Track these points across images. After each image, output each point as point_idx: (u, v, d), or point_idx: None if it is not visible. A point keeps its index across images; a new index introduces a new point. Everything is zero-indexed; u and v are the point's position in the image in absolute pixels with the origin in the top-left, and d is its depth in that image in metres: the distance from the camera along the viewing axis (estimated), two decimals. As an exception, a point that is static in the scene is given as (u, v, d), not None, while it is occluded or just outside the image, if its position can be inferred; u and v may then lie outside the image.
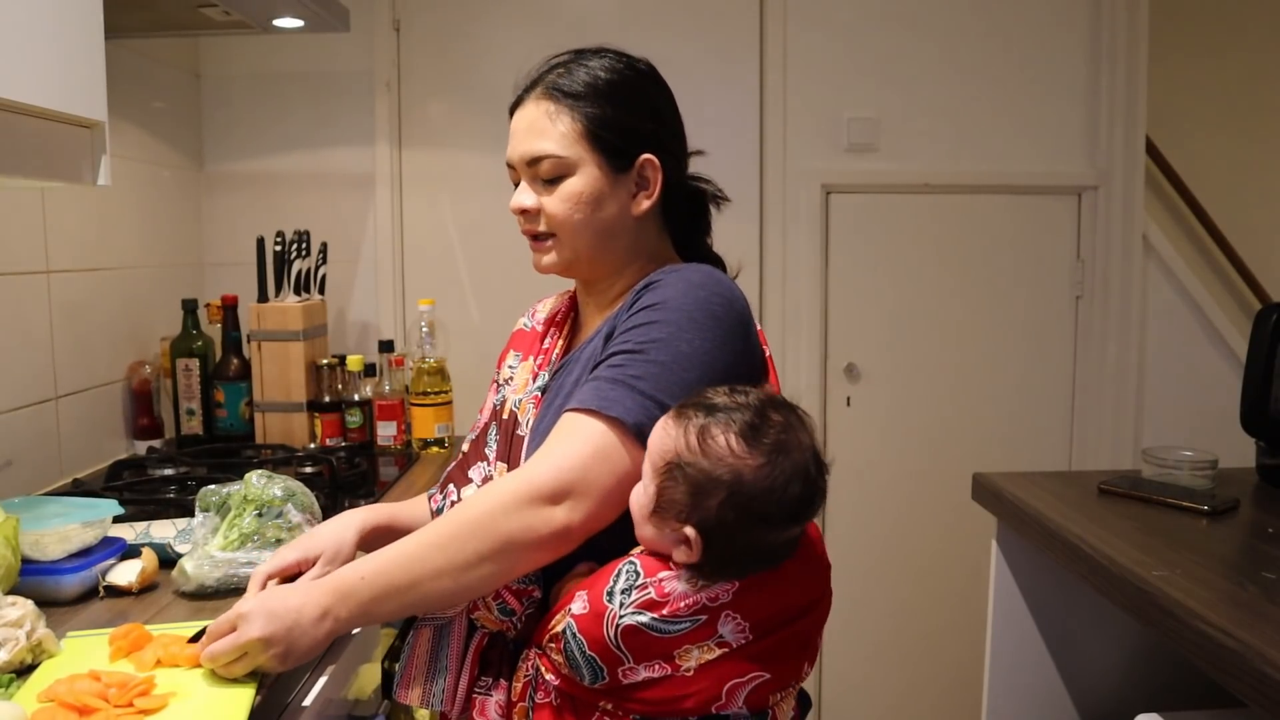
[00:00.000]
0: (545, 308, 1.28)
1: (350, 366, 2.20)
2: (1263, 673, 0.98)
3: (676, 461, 0.92)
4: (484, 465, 1.16)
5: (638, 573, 0.95)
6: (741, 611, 0.93)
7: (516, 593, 1.04)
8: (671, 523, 0.93)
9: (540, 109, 1.11)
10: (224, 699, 0.97)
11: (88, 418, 1.94)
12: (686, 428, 0.93)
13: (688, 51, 2.52)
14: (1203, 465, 1.61)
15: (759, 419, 0.93)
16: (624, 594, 0.94)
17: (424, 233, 2.56)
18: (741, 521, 0.91)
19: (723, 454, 0.91)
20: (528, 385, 1.17)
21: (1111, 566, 1.28)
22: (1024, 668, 1.66)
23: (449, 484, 1.18)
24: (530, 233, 1.15)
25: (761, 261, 2.57)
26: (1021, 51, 2.56)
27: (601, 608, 0.94)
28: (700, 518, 0.92)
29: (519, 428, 1.13)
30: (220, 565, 1.26)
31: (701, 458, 0.92)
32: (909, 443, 2.65)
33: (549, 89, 1.11)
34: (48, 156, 1.22)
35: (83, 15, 1.26)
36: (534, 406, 1.14)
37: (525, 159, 1.11)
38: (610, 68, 1.12)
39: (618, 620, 0.93)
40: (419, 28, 2.51)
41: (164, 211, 2.32)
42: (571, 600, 0.97)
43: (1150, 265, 2.62)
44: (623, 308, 1.09)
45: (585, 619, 0.94)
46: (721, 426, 0.92)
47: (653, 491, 0.94)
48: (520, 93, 1.14)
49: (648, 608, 0.93)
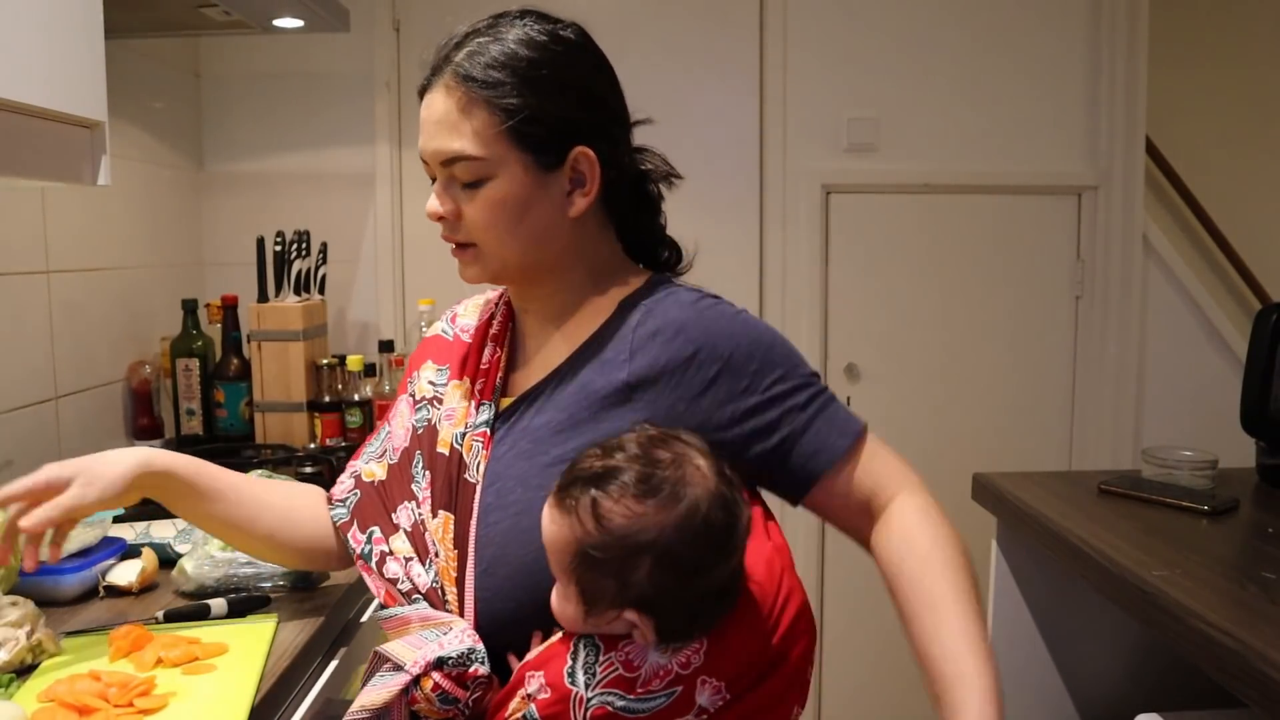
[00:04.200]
0: (470, 313, 1.11)
1: (350, 366, 2.20)
2: (1263, 673, 0.98)
3: (582, 550, 0.82)
4: (412, 507, 0.99)
5: (596, 645, 0.84)
6: (715, 673, 0.83)
7: (457, 678, 0.88)
8: (608, 613, 0.83)
9: (451, 99, 0.93)
10: (224, 699, 0.97)
11: (88, 418, 1.94)
12: (576, 510, 0.82)
13: (688, 51, 2.52)
14: (1203, 465, 1.61)
15: (647, 467, 0.82)
16: (586, 672, 0.83)
17: (424, 233, 2.56)
18: (679, 580, 0.81)
19: (627, 522, 0.81)
20: (468, 416, 0.99)
21: (1111, 566, 1.27)
22: (1024, 668, 1.66)
23: (370, 526, 1.02)
24: (449, 240, 1.00)
25: (761, 261, 2.57)
26: (1022, 52, 2.56)
27: (565, 690, 0.83)
28: (636, 595, 0.81)
29: (465, 471, 0.96)
30: (220, 565, 1.26)
31: (607, 535, 0.81)
32: (909, 443, 2.60)
33: (459, 75, 0.93)
34: (48, 156, 1.22)
35: (83, 15, 1.26)
36: (483, 446, 0.97)
37: (438, 158, 0.95)
38: (530, 41, 0.94)
39: (586, 703, 0.82)
40: (419, 28, 2.51)
41: (164, 211, 2.32)
42: (522, 683, 0.86)
43: (1150, 265, 2.62)
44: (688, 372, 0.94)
45: (547, 704, 0.83)
46: (614, 494, 0.81)
47: (573, 592, 0.83)
48: (427, 74, 0.97)
49: (618, 686, 0.82)
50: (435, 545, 0.95)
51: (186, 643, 1.06)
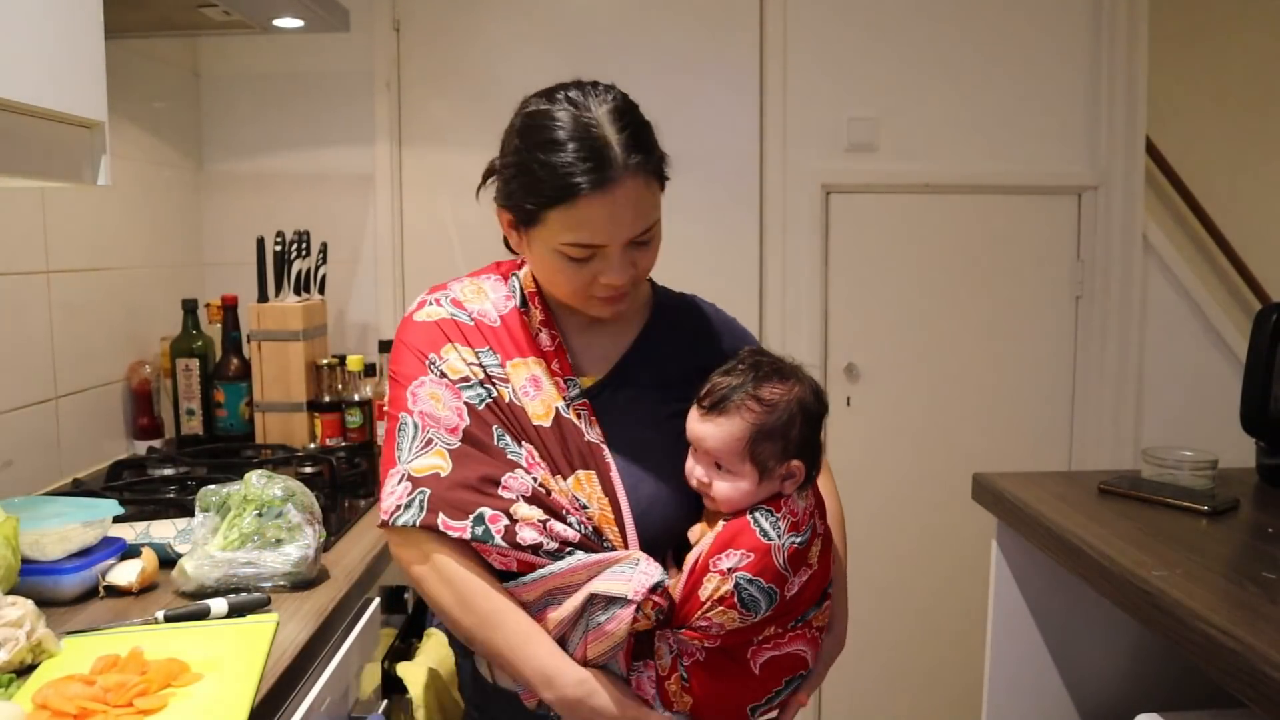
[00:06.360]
0: (476, 299, 1.21)
1: (350, 366, 2.20)
2: (1263, 673, 0.98)
3: (756, 430, 1.11)
4: (522, 475, 1.09)
5: (766, 509, 1.11)
6: (822, 515, 1.17)
7: (662, 594, 1.07)
8: (776, 471, 1.12)
9: (639, 180, 1.08)
10: (224, 699, 0.97)
11: (88, 418, 1.94)
12: (744, 405, 1.11)
13: (688, 51, 2.52)
14: (1203, 465, 1.60)
15: (770, 364, 1.15)
16: (774, 529, 1.10)
17: (424, 233, 2.56)
18: (813, 429, 1.15)
19: (779, 397, 1.12)
20: (562, 391, 1.16)
21: (1111, 566, 1.27)
22: (1024, 668, 1.66)
23: (471, 511, 1.07)
24: (623, 297, 1.16)
25: (761, 261, 2.57)
26: (1022, 52, 2.56)
27: (765, 546, 1.09)
28: (794, 447, 1.12)
29: (584, 435, 1.14)
30: (220, 565, 1.26)
31: (771, 410, 1.11)
32: (909, 443, 2.64)
33: (642, 166, 1.08)
34: (48, 156, 1.22)
35: (83, 15, 1.26)
36: (589, 413, 1.16)
37: (637, 231, 1.10)
38: (632, 102, 1.13)
39: (783, 548, 1.09)
40: (419, 28, 2.51)
41: (164, 211, 2.32)
42: (704, 573, 1.08)
43: (1150, 265, 2.62)
44: (706, 336, 1.27)
45: (753, 564, 1.08)
46: (765, 384, 1.13)
47: (748, 469, 1.11)
48: (610, 171, 1.06)
49: (793, 530, 1.11)
50: (579, 500, 1.11)
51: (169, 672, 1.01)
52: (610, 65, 1.65)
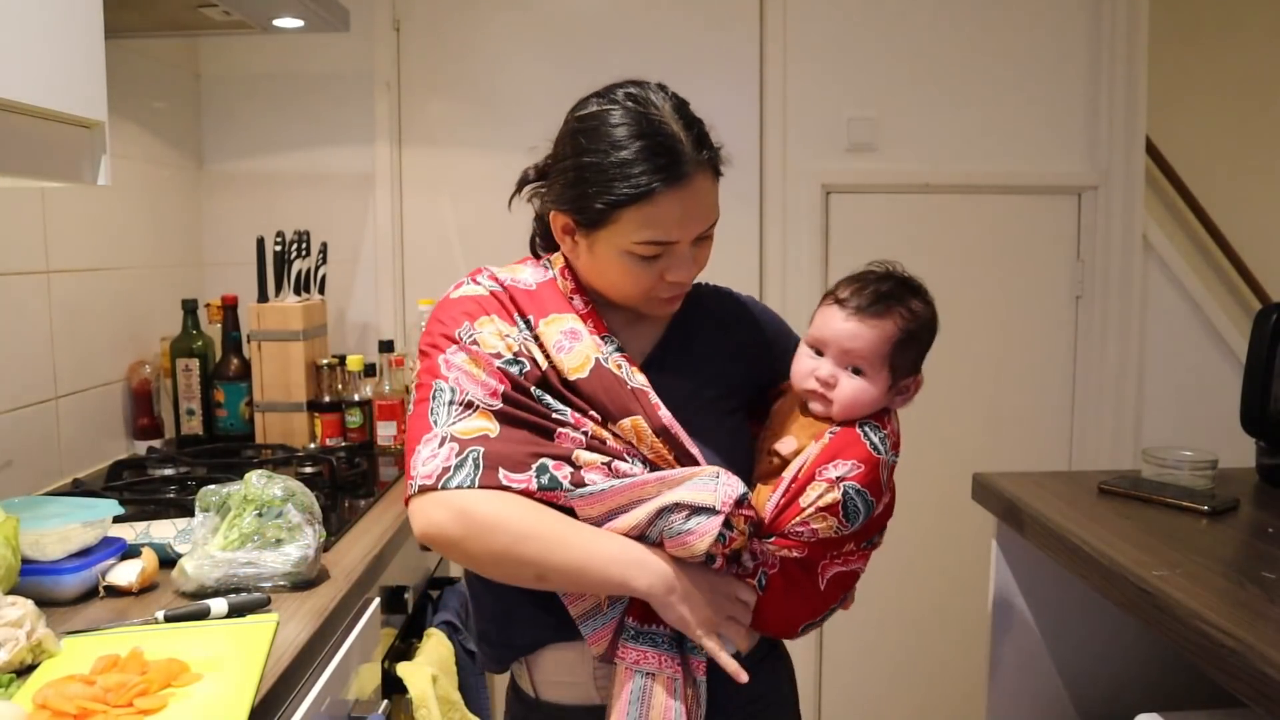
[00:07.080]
0: (519, 273, 1.21)
1: (350, 366, 2.20)
2: (1263, 673, 0.98)
3: (903, 334, 1.16)
4: (571, 429, 1.09)
5: (875, 425, 1.16)
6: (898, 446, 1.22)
7: (747, 507, 1.08)
8: (903, 382, 1.19)
9: (708, 177, 1.11)
10: (224, 699, 0.97)
11: (88, 418, 1.94)
12: (896, 311, 1.16)
13: (687, 51, 2.52)
14: (1203, 465, 1.60)
15: (909, 277, 1.23)
16: (882, 443, 1.15)
17: (424, 233, 2.56)
18: (924, 351, 1.22)
19: (923, 310, 1.20)
20: (599, 346, 1.14)
21: (1111, 566, 1.27)
22: (1024, 668, 1.66)
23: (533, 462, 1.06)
24: (685, 291, 1.17)
25: (761, 261, 2.57)
26: (1021, 51, 2.56)
27: (873, 458, 1.13)
28: (921, 360, 1.20)
29: (627, 384, 1.12)
30: (220, 565, 1.26)
31: (916, 320, 1.18)
32: (909, 442, 2.62)
33: (710, 161, 1.11)
34: (48, 156, 1.22)
35: (83, 15, 1.26)
36: (628, 364, 1.15)
37: (705, 227, 1.12)
38: (685, 100, 1.15)
39: (885, 464, 1.15)
40: (419, 28, 2.51)
41: (164, 211, 2.32)
42: (808, 481, 1.11)
43: (1150, 265, 2.62)
44: (742, 322, 1.29)
45: (862, 475, 1.12)
46: (915, 297, 1.20)
47: (884, 375, 1.16)
48: (684, 167, 1.07)
49: (895, 449, 1.17)
50: (633, 445, 1.11)
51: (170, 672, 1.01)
52: (610, 65, 1.65)
